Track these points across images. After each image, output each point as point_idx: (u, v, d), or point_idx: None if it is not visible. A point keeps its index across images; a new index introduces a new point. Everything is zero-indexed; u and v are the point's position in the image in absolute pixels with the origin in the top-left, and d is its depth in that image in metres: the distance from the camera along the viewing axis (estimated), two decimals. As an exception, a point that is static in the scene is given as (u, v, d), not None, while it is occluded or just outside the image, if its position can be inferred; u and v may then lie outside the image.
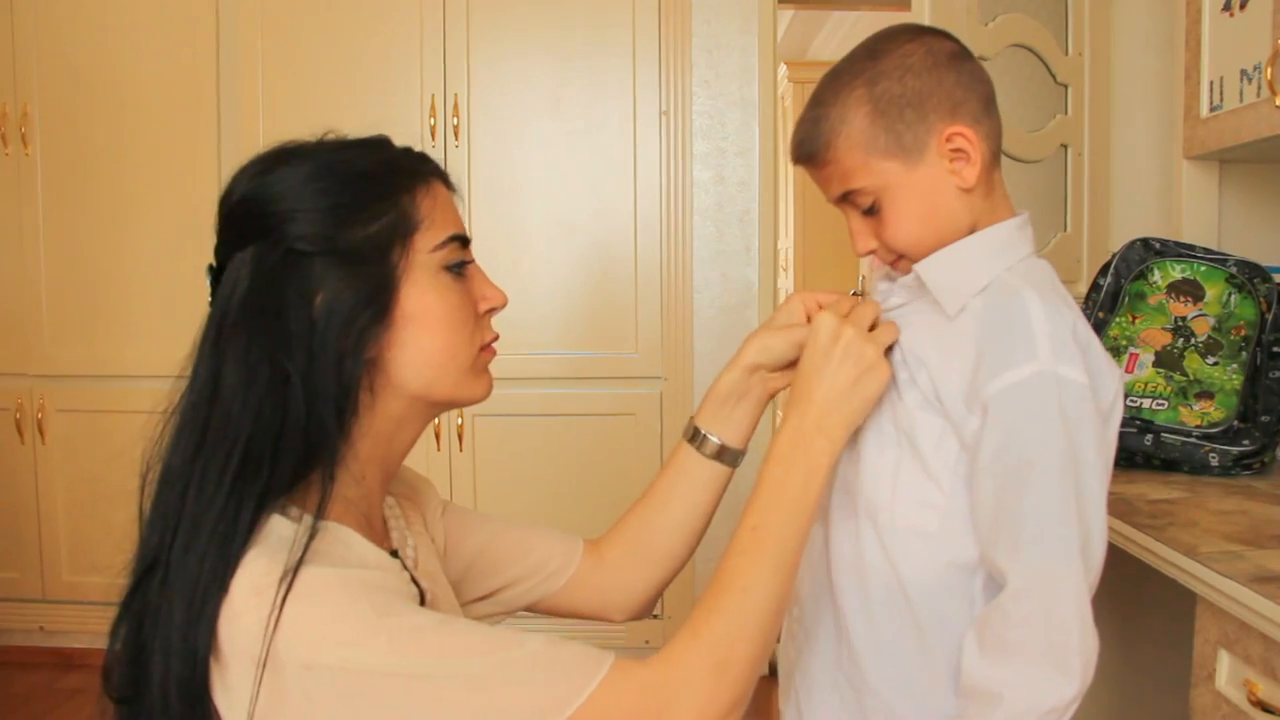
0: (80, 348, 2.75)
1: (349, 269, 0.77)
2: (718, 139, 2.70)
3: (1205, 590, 1.02)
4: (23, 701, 2.58)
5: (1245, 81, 1.53)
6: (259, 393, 0.75)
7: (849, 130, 0.87)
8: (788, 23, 5.36)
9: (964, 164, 0.87)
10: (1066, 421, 0.80)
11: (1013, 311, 0.83)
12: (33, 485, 2.78)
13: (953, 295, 0.87)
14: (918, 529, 0.87)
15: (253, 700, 0.68)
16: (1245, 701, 0.97)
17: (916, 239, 0.89)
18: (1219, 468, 1.40)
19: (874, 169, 0.87)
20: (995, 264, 0.88)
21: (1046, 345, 0.80)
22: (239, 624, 0.69)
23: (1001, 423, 0.81)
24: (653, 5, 2.61)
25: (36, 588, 2.79)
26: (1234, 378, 1.44)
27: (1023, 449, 0.80)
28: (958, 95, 0.87)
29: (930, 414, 0.86)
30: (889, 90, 0.86)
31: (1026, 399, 0.80)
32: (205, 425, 0.78)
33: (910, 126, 0.86)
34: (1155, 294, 1.53)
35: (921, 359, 0.88)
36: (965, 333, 0.85)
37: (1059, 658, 0.78)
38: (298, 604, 0.68)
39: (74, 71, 2.71)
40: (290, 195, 0.78)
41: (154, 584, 0.75)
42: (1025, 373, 0.80)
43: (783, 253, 5.68)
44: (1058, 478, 0.79)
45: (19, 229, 2.75)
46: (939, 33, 0.90)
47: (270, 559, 0.70)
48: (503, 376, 3.06)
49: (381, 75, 2.64)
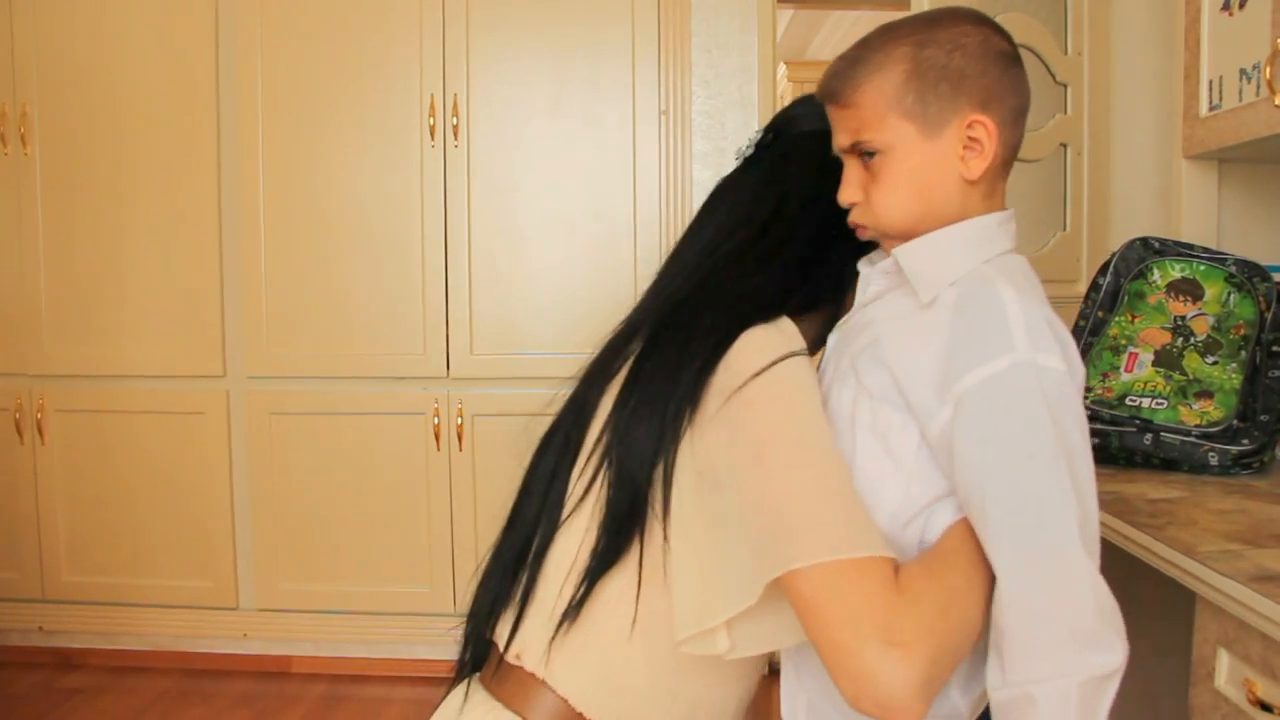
0: (79, 348, 2.75)
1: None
2: (717, 139, 2.70)
3: (1205, 589, 1.01)
4: (22, 701, 2.58)
5: (1244, 81, 1.53)
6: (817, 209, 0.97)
7: (881, 80, 0.87)
8: (787, 22, 5.36)
9: (975, 155, 0.87)
10: (1051, 409, 0.79)
11: (987, 303, 0.82)
12: (32, 485, 2.78)
13: (928, 283, 0.87)
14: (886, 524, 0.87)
15: None
16: (1245, 701, 0.97)
17: (901, 210, 0.89)
18: (1218, 467, 1.40)
19: (890, 126, 0.87)
20: (974, 255, 0.88)
21: (1023, 335, 0.80)
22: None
23: (981, 417, 0.80)
24: (652, 4, 2.61)
25: (36, 588, 2.79)
26: (1233, 377, 1.44)
27: (1009, 442, 0.79)
28: (994, 91, 0.87)
29: (889, 408, 0.86)
30: (933, 58, 0.86)
31: (1006, 391, 0.79)
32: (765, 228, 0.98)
33: (940, 99, 0.86)
34: (1154, 293, 1.53)
35: (888, 349, 0.87)
36: (937, 322, 0.85)
37: (1085, 636, 0.77)
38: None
39: (73, 72, 2.71)
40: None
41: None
42: (1003, 364, 0.79)
43: (782, 252, 5.67)
44: (1050, 466, 0.79)
45: (18, 229, 2.75)
46: (1001, 30, 0.90)
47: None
48: (502, 376, 3.06)
49: (381, 75, 2.64)
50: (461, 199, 2.65)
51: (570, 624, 0.89)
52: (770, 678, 1.16)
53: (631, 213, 2.65)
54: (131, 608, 2.76)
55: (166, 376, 2.72)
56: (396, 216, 2.66)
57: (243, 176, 2.65)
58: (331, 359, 2.68)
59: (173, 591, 2.75)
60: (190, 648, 2.80)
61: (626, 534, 0.88)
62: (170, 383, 2.73)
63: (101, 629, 2.78)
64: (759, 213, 0.99)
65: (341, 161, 2.66)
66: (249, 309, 2.69)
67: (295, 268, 2.68)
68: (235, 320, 2.71)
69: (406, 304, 2.67)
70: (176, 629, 2.77)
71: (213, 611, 2.76)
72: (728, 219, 1.01)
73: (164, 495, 2.74)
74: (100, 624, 2.77)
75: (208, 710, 2.54)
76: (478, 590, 1.00)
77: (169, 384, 2.73)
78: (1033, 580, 0.78)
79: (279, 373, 2.70)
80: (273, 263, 2.68)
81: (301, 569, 2.70)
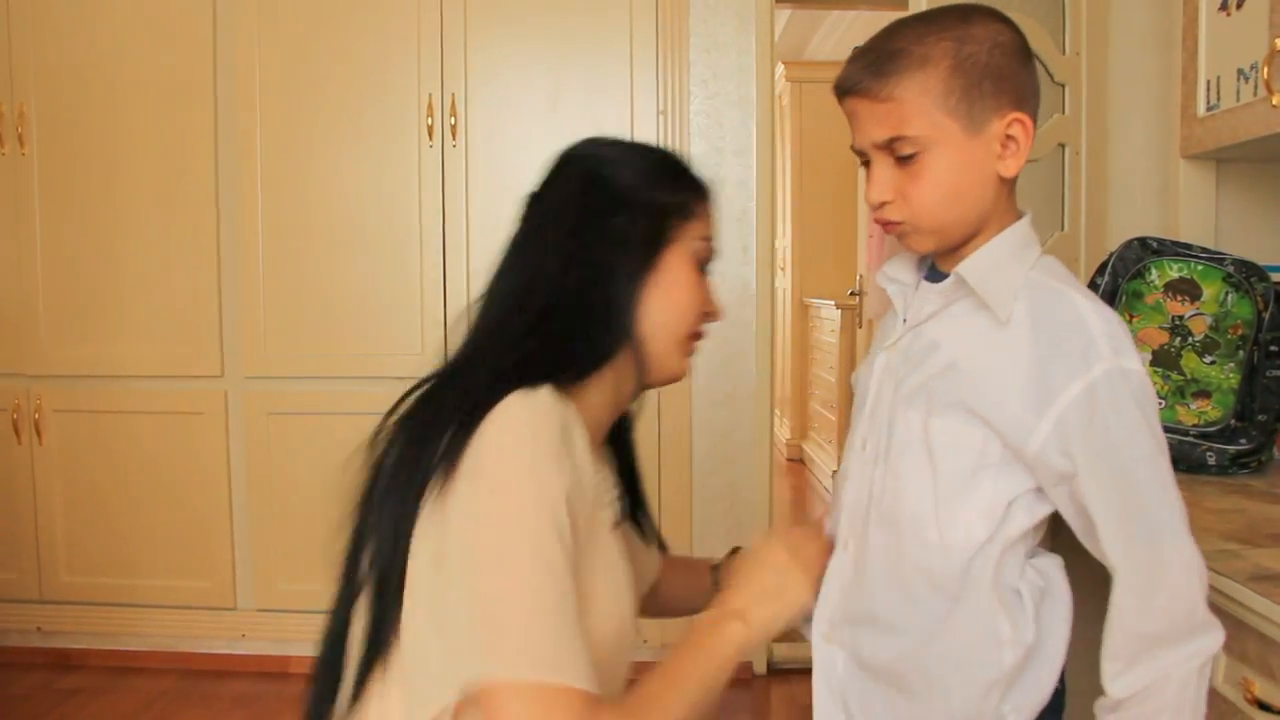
0: (77, 348, 2.74)
1: (643, 214, 0.96)
2: (715, 139, 2.70)
3: (1202, 589, 1.02)
4: (20, 702, 2.58)
5: (1242, 81, 1.53)
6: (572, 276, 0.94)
7: (926, 76, 0.86)
8: (785, 22, 5.36)
9: (1012, 153, 0.88)
10: (1144, 410, 0.83)
11: (1066, 314, 0.85)
12: (30, 486, 2.78)
13: (1000, 299, 0.88)
14: (963, 542, 0.88)
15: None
16: (1242, 700, 0.97)
17: (939, 206, 0.89)
18: (1216, 466, 1.41)
19: (934, 121, 0.86)
20: (1024, 262, 0.90)
21: (1106, 343, 0.83)
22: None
23: (1085, 428, 0.82)
24: (650, 5, 2.60)
25: (34, 588, 2.79)
26: (1231, 377, 1.44)
27: (1117, 448, 0.82)
28: (1028, 89, 0.89)
29: (969, 425, 0.87)
30: (976, 55, 0.86)
31: (1104, 399, 0.82)
32: (524, 296, 0.94)
33: (983, 97, 0.86)
34: (1152, 293, 1.53)
35: (967, 370, 0.88)
36: (1017, 337, 0.86)
37: (1200, 623, 0.83)
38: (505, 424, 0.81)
39: (71, 72, 2.70)
40: (619, 158, 1.01)
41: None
42: (1096, 373, 0.82)
43: (780, 253, 5.68)
44: (1153, 464, 0.83)
45: (16, 229, 2.74)
46: (1019, 30, 0.91)
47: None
48: (501, 376, 2.95)
49: (379, 75, 2.64)
50: (459, 199, 2.65)
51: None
52: (769, 678, 1.17)
53: (630, 213, 2.64)
54: (130, 608, 2.75)
55: (164, 377, 2.72)
56: (394, 216, 2.66)
57: (240, 177, 2.64)
58: (329, 359, 2.68)
59: (171, 592, 2.75)
60: (188, 648, 2.79)
61: (389, 616, 0.83)
62: (168, 383, 2.72)
63: (100, 629, 2.77)
64: (537, 277, 0.95)
65: (339, 161, 2.66)
66: (247, 309, 2.69)
67: (293, 268, 2.68)
68: (233, 320, 2.70)
69: (404, 304, 2.66)
70: (175, 629, 2.77)
71: (211, 612, 2.76)
72: (513, 280, 0.98)
73: (162, 496, 2.74)
74: (98, 624, 2.77)
75: (206, 711, 2.54)
76: (308, 686, 0.94)
77: (167, 384, 2.73)
78: (1154, 579, 0.82)
79: (277, 373, 2.70)
80: (270, 263, 2.68)
81: (300, 569, 2.70)
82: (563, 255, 0.95)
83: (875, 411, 0.97)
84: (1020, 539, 0.89)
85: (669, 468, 2.65)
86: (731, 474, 2.72)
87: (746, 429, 2.71)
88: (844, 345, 4.71)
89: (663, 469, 2.64)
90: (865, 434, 0.98)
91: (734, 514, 2.71)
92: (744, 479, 2.72)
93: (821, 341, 5.13)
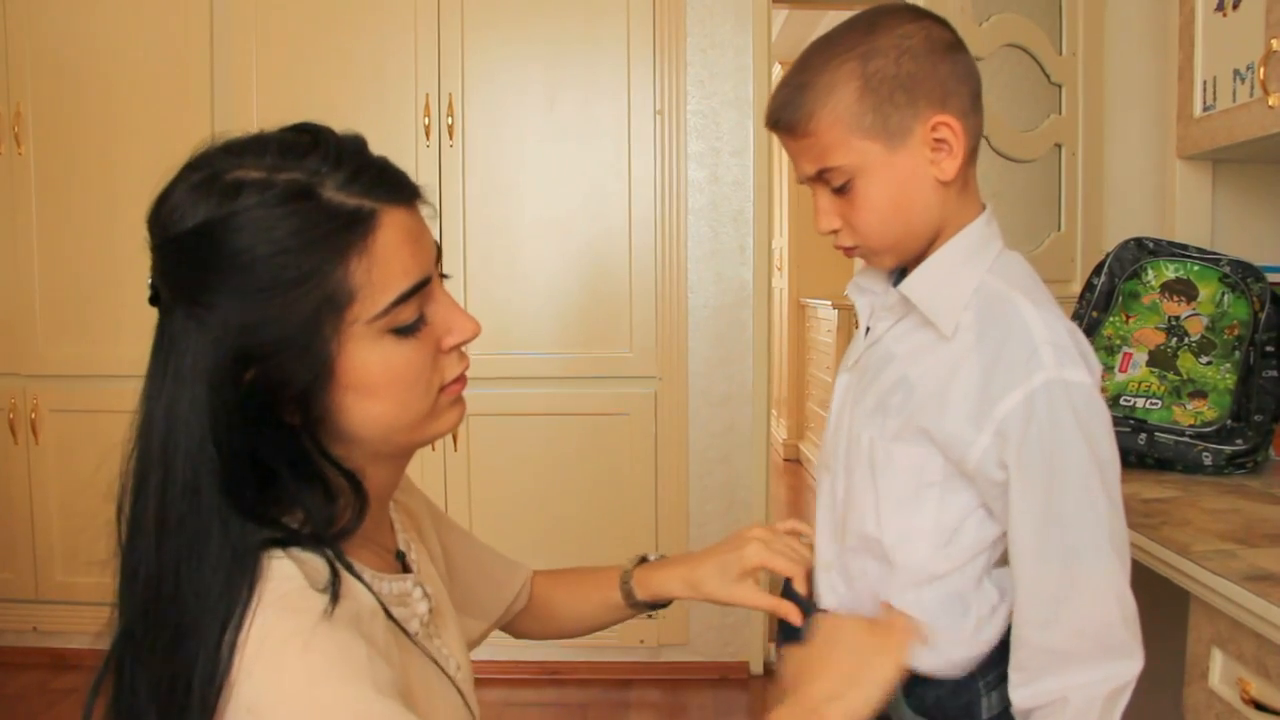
0: (74, 348, 2.74)
1: (278, 353, 0.71)
2: (712, 138, 2.70)
3: (1198, 589, 1.02)
4: (16, 702, 2.58)
5: (1238, 81, 1.54)
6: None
7: (834, 104, 0.83)
8: (782, 22, 5.36)
9: (945, 155, 0.84)
10: (1081, 425, 0.79)
11: (1010, 322, 0.82)
12: (26, 485, 2.77)
13: (945, 314, 0.85)
14: (921, 563, 0.87)
15: None
16: (1238, 700, 0.97)
17: (883, 227, 0.86)
18: (1212, 467, 1.41)
19: (854, 148, 0.83)
20: (977, 267, 0.86)
21: (1050, 352, 0.80)
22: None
23: (1021, 438, 0.80)
24: (647, 4, 2.60)
25: (30, 588, 2.78)
26: (1227, 377, 1.44)
27: (1048, 459, 0.80)
28: (950, 85, 0.84)
29: (913, 444, 0.86)
30: (883, 69, 0.82)
31: (1041, 409, 0.79)
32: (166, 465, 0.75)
33: (898, 109, 0.82)
34: (1149, 293, 1.53)
35: (917, 383, 0.86)
36: (962, 349, 0.84)
37: (1115, 647, 0.80)
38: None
39: (68, 72, 2.70)
40: (222, 268, 0.73)
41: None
42: (1036, 383, 0.79)
43: (777, 252, 5.69)
44: (1084, 479, 0.80)
45: (12, 229, 2.74)
46: (939, 19, 0.87)
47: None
48: (498, 376, 3.06)
49: (376, 75, 2.64)
50: (457, 199, 2.65)
51: None
52: (768, 678, 1.17)
53: (627, 212, 2.65)
54: (126, 608, 2.75)
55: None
56: (392, 216, 2.66)
57: (237, 176, 2.64)
58: (327, 359, 2.67)
59: (167, 592, 2.74)
60: (185, 648, 2.79)
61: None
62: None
63: (96, 629, 2.76)
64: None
65: (336, 161, 2.65)
66: (244, 309, 2.68)
67: (290, 267, 2.67)
68: (230, 320, 2.70)
69: (402, 304, 2.66)
70: (171, 629, 2.76)
71: (207, 612, 2.76)
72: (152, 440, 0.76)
73: (158, 495, 2.73)
74: (95, 624, 2.75)
75: (203, 711, 2.53)
76: None
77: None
78: (1062, 595, 0.80)
79: (274, 372, 2.69)
80: (268, 262, 2.67)
81: (296, 569, 2.69)
82: (201, 425, 0.73)
83: (837, 431, 0.96)
84: (977, 556, 0.88)
85: (666, 468, 2.64)
86: (728, 474, 2.72)
87: (743, 429, 2.72)
88: (840, 346, 4.71)
89: (659, 469, 2.63)
90: (828, 453, 0.98)
91: (730, 514, 2.71)
92: (741, 479, 2.72)
93: (818, 342, 5.14)
